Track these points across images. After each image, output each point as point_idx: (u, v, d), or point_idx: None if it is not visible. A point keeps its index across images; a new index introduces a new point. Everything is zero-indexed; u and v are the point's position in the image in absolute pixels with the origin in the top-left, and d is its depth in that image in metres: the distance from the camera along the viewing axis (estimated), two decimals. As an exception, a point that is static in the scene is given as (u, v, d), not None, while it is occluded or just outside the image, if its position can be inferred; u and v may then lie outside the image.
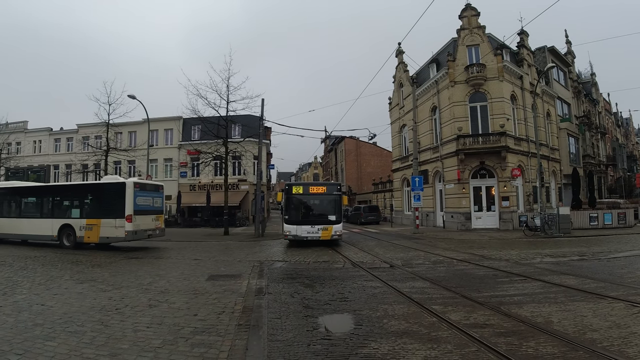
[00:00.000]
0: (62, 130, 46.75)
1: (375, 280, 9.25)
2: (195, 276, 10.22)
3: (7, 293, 8.17)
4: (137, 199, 17.02)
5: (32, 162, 44.55)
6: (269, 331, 5.53)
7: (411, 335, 5.23)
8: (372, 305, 6.90)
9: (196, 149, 32.70)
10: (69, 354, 4.69)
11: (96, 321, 6.09)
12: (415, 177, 24.70)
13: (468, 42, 26.71)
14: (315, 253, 14.96)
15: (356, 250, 15.66)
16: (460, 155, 24.99)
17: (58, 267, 12.09)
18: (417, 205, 24.70)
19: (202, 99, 28.18)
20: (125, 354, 4.68)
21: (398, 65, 36.11)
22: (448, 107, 26.74)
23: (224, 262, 12.97)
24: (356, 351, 4.72)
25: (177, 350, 4.79)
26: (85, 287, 8.93)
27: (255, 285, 8.77)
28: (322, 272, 10.79)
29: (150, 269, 11.56)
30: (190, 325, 5.82)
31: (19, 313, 6.58)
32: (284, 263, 12.73)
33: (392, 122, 37.76)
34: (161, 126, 41.13)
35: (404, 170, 34.06)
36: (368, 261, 12.56)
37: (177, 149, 41.24)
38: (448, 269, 10.96)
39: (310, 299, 7.46)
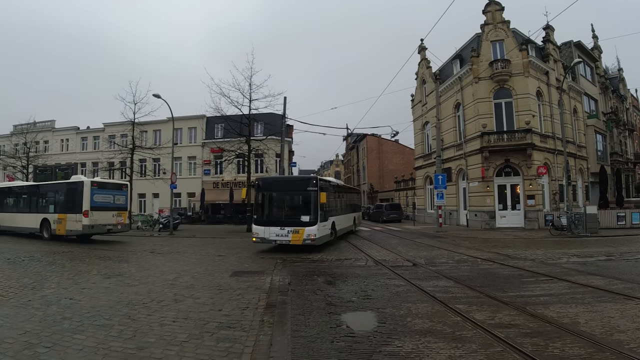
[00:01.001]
0: (89, 129, 47.84)
1: (398, 278, 9.21)
2: (219, 272, 10.37)
3: (35, 287, 8.40)
4: (95, 196, 18.78)
5: (59, 160, 45.63)
6: (293, 327, 5.58)
7: (435, 334, 5.20)
8: (395, 303, 6.88)
9: (219, 147, 33.02)
10: (97, 347, 4.81)
11: (123, 315, 6.23)
12: (438, 175, 24.48)
13: (492, 38, 26.28)
14: (337, 251, 14.99)
15: (378, 248, 15.60)
16: (484, 152, 24.63)
17: (86, 262, 12.40)
18: (440, 203, 24.47)
19: (225, 97, 28.57)
20: (152, 348, 4.78)
21: (421, 62, 35.76)
22: (472, 104, 26.38)
23: (247, 258, 13.10)
24: (380, 349, 4.72)
25: (203, 345, 4.87)
26: (112, 281, 9.14)
27: (279, 282, 8.84)
28: (345, 269, 10.79)
29: (175, 265, 11.77)
30: (215, 320, 5.91)
31: (48, 307, 6.76)
32: (306, 260, 12.77)
33: (415, 120, 37.44)
34: (185, 125, 41.68)
35: (427, 168, 33.77)
36: (390, 259, 12.51)
37: (201, 147, 41.74)
38: (472, 268, 10.84)
39: (333, 296, 7.48)
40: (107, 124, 44.74)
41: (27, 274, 10.06)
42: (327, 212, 15.73)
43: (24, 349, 4.74)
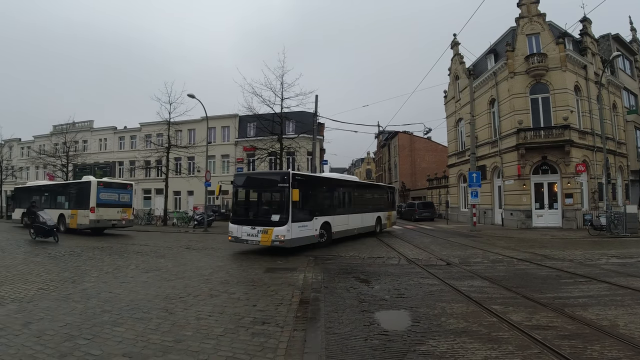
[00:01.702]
0: (126, 129, 49.25)
1: (432, 277, 9.13)
2: (252, 268, 10.52)
3: (76, 281, 8.71)
4: (101, 194, 21.30)
5: (98, 159, 47.23)
6: (326, 324, 5.61)
7: (470, 335, 5.14)
8: (429, 302, 6.83)
9: (252, 146, 33.39)
10: (135, 339, 4.96)
11: (161, 309, 6.41)
12: (472, 173, 24.02)
13: (528, 31, 25.63)
14: (369, 249, 14.95)
15: (411, 247, 15.48)
16: (520, 149, 24.06)
17: (124, 257, 12.80)
18: (475, 201, 24.03)
19: (257, 96, 28.92)
20: (189, 341, 4.90)
21: (454, 57, 35.22)
22: (507, 100, 25.80)
23: (280, 255, 13.20)
24: (414, 348, 4.69)
25: (238, 339, 4.96)
26: (150, 276, 9.42)
27: (311, 279, 8.89)
28: (377, 267, 10.77)
29: (210, 261, 12.02)
30: (250, 315, 6.01)
31: (88, 300, 7.00)
32: (338, 258, 12.80)
33: (448, 116, 36.90)
34: (218, 124, 42.37)
35: (461, 165, 33.24)
36: (424, 258, 12.39)
37: (234, 145, 42.33)
38: (508, 268, 10.62)
39: (366, 294, 7.48)
40: (144, 124, 45.95)
41: (67, 268, 10.47)
42: (312, 210, 14.62)
43: (64, 340, 4.92)
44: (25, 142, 57.34)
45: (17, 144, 57.34)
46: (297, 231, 13.46)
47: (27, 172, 54.35)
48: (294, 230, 13.22)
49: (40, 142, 53.26)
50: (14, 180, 45.73)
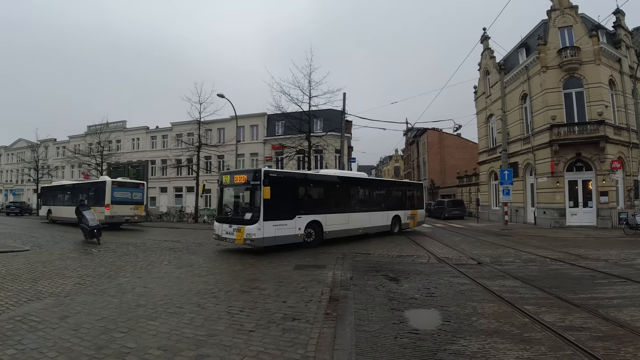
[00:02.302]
0: (158, 129, 50.32)
1: (462, 276, 9.02)
2: (282, 265, 10.63)
3: (112, 276, 9.01)
4: (115, 193, 23.66)
5: (131, 158, 48.40)
6: (356, 321, 5.62)
7: (502, 335, 5.07)
8: (460, 302, 6.76)
9: (280, 144, 33.65)
10: (169, 333, 5.11)
11: (194, 304, 6.58)
12: (504, 170, 23.55)
13: (560, 24, 24.91)
14: (398, 247, 14.86)
15: (441, 246, 15.30)
16: (554, 146, 23.45)
17: (157, 253, 13.14)
18: (506, 199, 23.56)
19: (286, 95, 28.98)
20: (221, 335, 5.02)
21: (484, 52, 34.46)
22: (540, 94, 25.16)
23: (309, 252, 13.28)
24: (444, 347, 4.67)
25: (269, 334, 5.05)
26: (182, 272, 9.65)
27: (340, 276, 8.92)
28: (407, 266, 10.71)
29: (240, 257, 12.22)
30: (280, 311, 6.10)
31: (123, 295, 7.24)
32: (367, 255, 12.79)
33: (478, 112, 36.18)
34: (247, 122, 42.80)
35: (492, 162, 32.60)
36: (454, 257, 12.23)
37: (262, 143, 42.70)
38: (541, 268, 10.40)
39: (396, 292, 7.46)
40: (175, 124, 46.85)
41: (102, 263, 10.83)
42: (293, 209, 14.22)
43: (101, 333, 5.10)
44: (60, 142, 59.27)
45: (52, 144, 59.32)
46: (271, 230, 13.19)
47: (62, 171, 56.20)
48: (266, 229, 12.98)
49: (75, 142, 55.09)
50: (49, 179, 47.29)
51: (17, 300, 6.74)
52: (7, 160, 68.25)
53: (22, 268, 9.92)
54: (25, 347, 4.58)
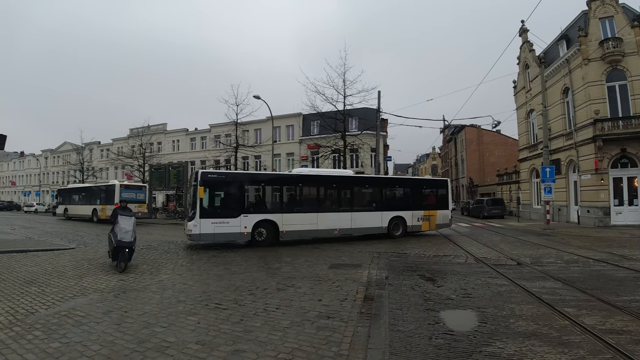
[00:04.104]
0: (197, 130, 51.61)
1: (501, 277, 8.83)
2: (318, 264, 10.72)
3: (153, 273, 9.35)
4: (123, 194, 28.19)
5: (171, 159, 49.87)
6: (390, 321, 5.62)
7: (540, 338, 4.96)
8: (498, 303, 6.64)
9: (316, 143, 33.91)
10: (208, 328, 5.27)
11: (231, 300, 6.75)
12: (545, 168, 22.83)
13: (600, 15, 23.93)
14: (435, 247, 14.67)
15: (479, 246, 15.00)
16: (597, 142, 22.56)
17: (196, 251, 13.54)
18: (548, 198, 22.85)
19: (320, 95, 29.16)
20: (257, 332, 5.14)
21: (522, 45, 33.48)
22: (582, 88, 24.25)
23: (345, 251, 13.33)
24: (480, 349, 4.61)
25: (304, 332, 5.13)
26: (220, 269, 9.92)
27: (375, 276, 8.91)
28: (443, 266, 10.58)
29: (277, 255, 12.37)
30: (315, 309, 6.18)
31: (164, 291, 7.50)
32: (403, 255, 12.69)
33: (518, 108, 35.19)
34: (283, 123, 43.28)
35: (533, 159, 31.69)
36: (492, 257, 11.97)
37: (298, 143, 43.08)
38: (583, 269, 10.05)
39: (431, 293, 7.40)
40: (213, 125, 47.94)
41: (145, 260, 11.24)
42: (237, 208, 14.78)
43: (143, 328, 5.31)
44: (104, 145, 61.71)
45: (97, 146, 61.81)
46: (209, 227, 14.08)
47: (106, 172, 58.44)
48: (203, 226, 13.95)
49: (119, 144, 57.22)
50: (94, 180, 49.19)
51: (63, 296, 7.06)
52: (53, 162, 71.62)
53: (68, 265, 10.40)
54: (69, 340, 4.80)
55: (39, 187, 67.11)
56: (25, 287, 7.73)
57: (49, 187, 69.22)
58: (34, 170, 76.37)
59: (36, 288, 7.62)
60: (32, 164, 77.63)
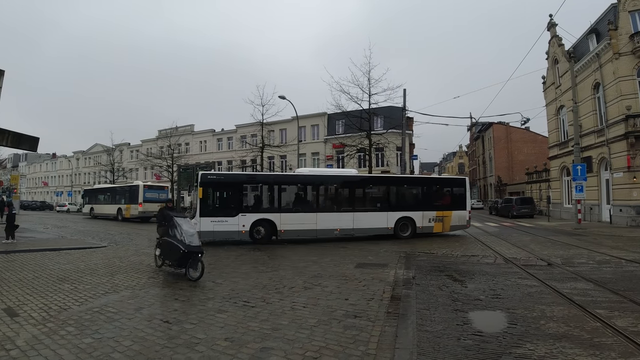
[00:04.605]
0: (223, 131, 52.31)
1: (531, 278, 8.66)
2: (344, 263, 10.73)
3: (182, 271, 9.51)
4: (146, 194, 30.50)
5: (199, 160, 50.77)
6: (418, 321, 5.58)
7: (571, 340, 4.85)
8: (528, 304, 6.51)
9: (341, 143, 33.88)
10: (236, 326, 5.34)
11: (259, 298, 6.83)
12: (576, 165, 22.27)
13: (630, 7, 23.13)
14: (463, 247, 14.51)
15: (508, 246, 14.72)
16: (630, 138, 21.85)
17: (224, 249, 13.84)
18: (579, 197, 22.29)
19: (345, 94, 29.11)
20: (285, 329, 5.18)
21: (551, 40, 32.61)
22: (613, 83, 23.50)
23: (370, 250, 13.31)
24: (510, 350, 4.53)
25: (331, 330, 5.14)
26: (248, 268, 10.09)
27: (402, 275, 8.86)
28: (472, 266, 10.44)
29: (303, 255, 12.47)
30: (342, 308, 6.18)
31: (194, 288, 7.68)
32: (430, 255, 12.61)
33: (547, 104, 34.36)
34: (308, 122, 43.42)
35: (563, 157, 30.92)
36: (522, 257, 11.75)
37: (323, 143, 43.15)
38: (615, 270, 9.77)
39: (460, 293, 7.32)
40: (239, 126, 48.49)
41: (175, 259, 11.44)
42: (235, 208, 15.67)
43: (173, 324, 5.42)
44: (134, 146, 63.16)
45: (127, 148, 63.27)
46: (208, 225, 15.08)
47: (136, 173, 59.75)
48: (203, 224, 14.82)
49: (148, 145, 58.47)
50: (124, 180, 50.35)
51: (95, 292, 7.25)
52: (84, 163, 73.66)
53: (100, 263, 10.69)
54: (102, 336, 4.93)
55: (71, 187, 69.12)
56: (59, 284, 7.98)
57: (80, 187, 71.13)
58: (65, 171, 78.76)
59: (69, 285, 7.86)
60: (64, 165, 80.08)
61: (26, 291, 7.29)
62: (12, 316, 5.73)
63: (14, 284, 7.95)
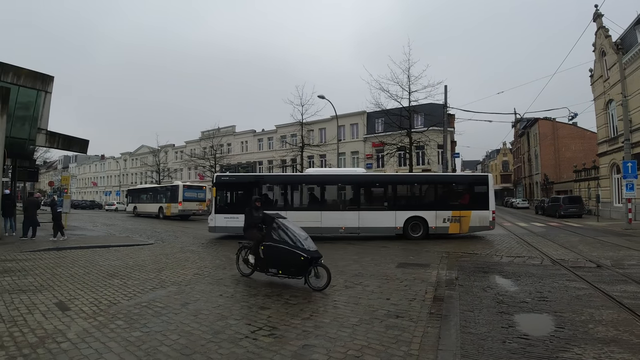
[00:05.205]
0: (264, 132, 53.08)
1: (579, 280, 8.36)
2: (385, 262, 10.72)
3: (226, 268, 9.91)
4: (185, 193, 32.33)
5: (240, 160, 51.72)
6: (461, 323, 5.51)
7: (620, 344, 4.67)
8: (576, 307, 6.30)
9: (380, 141, 33.68)
10: (279, 322, 5.44)
11: (300, 296, 6.94)
12: (627, 162, 21.22)
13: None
14: (508, 247, 14.15)
15: (556, 246, 14.22)
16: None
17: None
18: (630, 195, 21.26)
19: (384, 92, 28.93)
20: (326, 327, 5.22)
21: (597, 31, 31.18)
22: (664, 75, 22.29)
23: (412, 250, 13.21)
24: (556, 354, 4.41)
25: (373, 330, 5.13)
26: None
27: (445, 276, 8.74)
28: (517, 267, 10.16)
29: (344, 254, 12.50)
30: (384, 308, 6.17)
31: (237, 285, 7.91)
32: (473, 255, 12.37)
33: (595, 98, 32.88)
34: (347, 121, 43.38)
35: (613, 154, 29.54)
36: (570, 259, 11.32)
37: (363, 142, 43.01)
38: (670, 272, 9.32)
39: (505, 295, 7.15)
40: (279, 126, 49.06)
41: (218, 256, 11.92)
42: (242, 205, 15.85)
43: (217, 319, 5.57)
44: (178, 147, 65.07)
45: (171, 149, 65.22)
46: (222, 221, 17.21)
47: (180, 173, 61.43)
48: (218, 220, 17.27)
49: (191, 146, 60.16)
50: (170, 180, 51.86)
51: (143, 288, 7.54)
52: (132, 164, 76.47)
53: (147, 259, 11.13)
54: (150, 330, 5.11)
55: (119, 187, 71.66)
56: (108, 279, 8.34)
57: (127, 187, 73.85)
58: (113, 172, 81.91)
59: (118, 280, 8.20)
60: (112, 166, 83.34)
61: (77, 286, 7.64)
62: (64, 310, 6.00)
63: (65, 279, 8.35)
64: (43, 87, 16.67)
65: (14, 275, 8.52)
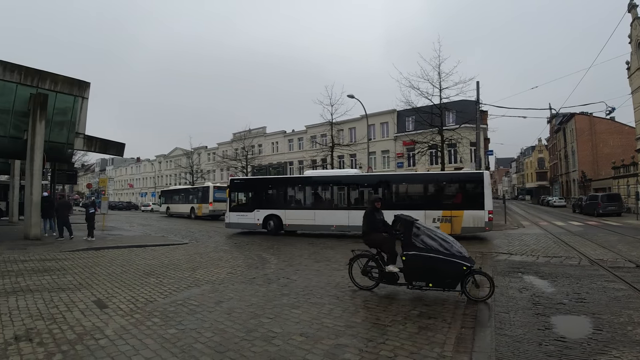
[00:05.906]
0: (294, 132, 53.45)
1: (619, 281, 8.09)
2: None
3: (258, 267, 9.97)
4: (216, 194, 32.71)
5: (271, 160, 52.27)
6: (496, 324, 5.43)
7: (661, 347, 4.51)
8: (614, 309, 6.11)
9: (411, 140, 33.28)
10: (311, 322, 5.47)
11: (332, 296, 6.96)
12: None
13: None
14: (544, 247, 13.80)
15: (594, 246, 13.77)
16: None
17: (297, 247, 14.15)
18: (674, 193, 20.44)
19: (415, 89, 28.60)
20: (358, 327, 5.24)
21: (633, 22, 30.07)
22: None
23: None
24: (594, 357, 4.31)
25: (406, 330, 5.11)
26: (321, 265, 10.27)
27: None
28: (554, 268, 9.90)
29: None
30: (416, 309, 6.14)
31: (269, 284, 7.94)
32: (508, 255, 12.13)
33: (633, 91, 31.66)
34: (377, 120, 43.17)
35: (654, 150, 28.45)
36: (609, 259, 10.97)
37: (393, 140, 42.71)
38: None
39: (541, 297, 6.98)
40: (309, 126, 49.29)
41: (251, 256, 12.03)
42: (252, 205, 19.92)
43: (250, 318, 5.65)
44: (210, 149, 66.34)
45: (204, 151, 66.48)
46: (235, 218, 19.96)
47: (213, 174, 62.49)
48: (231, 217, 20.07)
49: (223, 148, 61.26)
50: (203, 182, 52.84)
51: (179, 286, 7.71)
52: (166, 166, 78.46)
53: (182, 259, 11.38)
54: (185, 327, 5.23)
55: (154, 189, 73.39)
56: (145, 278, 8.57)
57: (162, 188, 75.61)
58: (149, 174, 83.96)
59: (154, 279, 8.42)
60: (147, 168, 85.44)
61: (115, 284, 7.87)
62: (102, 308, 6.19)
63: (103, 277, 8.60)
64: (80, 93, 17.18)
65: (54, 274, 8.82)
